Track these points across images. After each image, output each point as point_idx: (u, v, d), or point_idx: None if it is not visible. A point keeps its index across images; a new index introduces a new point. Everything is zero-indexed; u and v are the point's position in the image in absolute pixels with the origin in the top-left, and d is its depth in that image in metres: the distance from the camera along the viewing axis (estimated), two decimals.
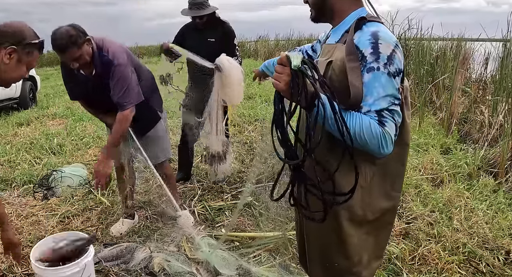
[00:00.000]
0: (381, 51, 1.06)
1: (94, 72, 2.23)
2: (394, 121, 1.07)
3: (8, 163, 3.94)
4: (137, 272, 2.18)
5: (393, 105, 1.07)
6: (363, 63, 1.07)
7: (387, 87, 1.06)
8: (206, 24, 3.07)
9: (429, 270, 2.23)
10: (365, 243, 1.27)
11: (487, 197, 3.12)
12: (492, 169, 3.66)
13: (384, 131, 1.04)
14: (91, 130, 5.10)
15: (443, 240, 2.48)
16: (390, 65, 1.06)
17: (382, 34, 1.08)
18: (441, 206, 2.92)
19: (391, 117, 1.06)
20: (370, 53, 1.06)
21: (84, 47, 2.10)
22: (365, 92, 1.07)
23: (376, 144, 1.05)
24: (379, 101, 1.06)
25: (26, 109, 7.09)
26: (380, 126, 1.05)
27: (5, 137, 4.88)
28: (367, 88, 1.06)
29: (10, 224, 1.85)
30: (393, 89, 1.07)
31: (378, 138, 1.04)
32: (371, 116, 1.06)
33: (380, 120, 1.05)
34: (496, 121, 4.32)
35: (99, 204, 3.07)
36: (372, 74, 1.06)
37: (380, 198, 1.24)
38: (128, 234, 2.62)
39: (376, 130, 1.04)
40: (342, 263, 1.28)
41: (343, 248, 1.26)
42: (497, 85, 4.85)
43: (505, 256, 2.36)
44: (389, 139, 1.05)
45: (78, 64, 2.12)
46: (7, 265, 2.26)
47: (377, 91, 1.06)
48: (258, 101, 6.79)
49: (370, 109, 1.06)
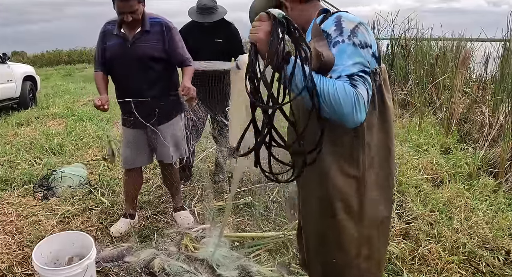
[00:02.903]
0: (344, 26, 1.10)
1: (139, 30, 2.34)
2: (366, 86, 1.05)
3: (8, 163, 3.94)
4: (137, 272, 2.18)
5: (363, 72, 1.07)
6: (328, 40, 1.10)
7: (354, 56, 1.08)
8: (213, 26, 3.06)
9: (429, 270, 2.23)
10: (363, 237, 1.27)
11: (487, 197, 3.13)
12: (492, 169, 3.66)
13: (357, 92, 1.02)
14: (91, 130, 5.10)
15: (443, 240, 2.48)
16: (354, 37, 1.09)
17: (345, 15, 1.14)
18: (441, 206, 2.92)
19: (362, 82, 1.05)
20: (334, 30, 1.11)
21: (141, 5, 2.28)
22: (334, 65, 1.06)
23: (350, 105, 1.00)
24: (349, 68, 1.06)
25: (26, 109, 7.09)
26: (353, 88, 1.02)
27: (5, 137, 4.88)
28: (336, 60, 1.07)
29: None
30: (361, 57, 1.08)
31: (352, 98, 1.00)
32: (343, 80, 1.04)
33: (352, 83, 1.04)
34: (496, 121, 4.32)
35: (99, 204, 3.07)
36: (337, 47, 1.08)
37: (375, 189, 1.24)
38: (128, 234, 2.62)
39: (350, 90, 1.01)
40: (340, 257, 1.28)
41: (340, 242, 1.26)
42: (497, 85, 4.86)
43: (505, 256, 2.36)
44: (361, 101, 1.02)
45: (132, 18, 2.25)
46: (7, 265, 2.26)
47: (345, 61, 1.07)
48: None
49: (341, 74, 1.05)
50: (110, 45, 2.38)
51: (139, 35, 2.35)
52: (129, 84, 2.42)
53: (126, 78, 2.42)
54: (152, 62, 2.37)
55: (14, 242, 2.50)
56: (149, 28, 2.34)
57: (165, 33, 2.37)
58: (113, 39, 2.37)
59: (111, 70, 2.46)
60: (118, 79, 2.48)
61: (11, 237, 2.56)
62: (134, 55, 2.34)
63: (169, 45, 2.39)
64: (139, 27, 2.34)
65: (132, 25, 2.32)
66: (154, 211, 2.97)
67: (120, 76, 2.45)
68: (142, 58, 2.35)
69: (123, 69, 2.40)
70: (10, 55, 9.03)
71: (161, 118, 2.46)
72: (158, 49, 2.37)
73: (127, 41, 2.34)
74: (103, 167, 3.78)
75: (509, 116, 3.98)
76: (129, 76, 2.40)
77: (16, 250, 2.41)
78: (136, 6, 2.23)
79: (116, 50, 2.36)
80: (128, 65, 2.36)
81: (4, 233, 2.60)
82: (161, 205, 3.08)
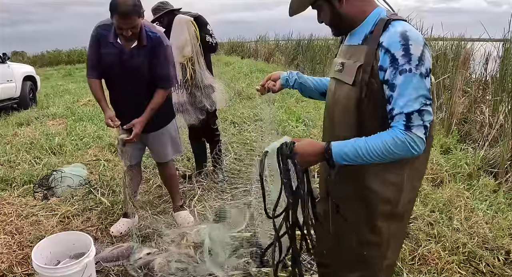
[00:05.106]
0: (412, 53, 1.08)
1: (135, 44, 2.30)
2: (423, 123, 1.09)
3: (8, 163, 3.94)
4: (137, 272, 2.18)
5: (424, 105, 1.09)
6: (394, 65, 1.09)
7: (419, 88, 1.08)
8: (170, 24, 3.11)
9: (429, 270, 2.23)
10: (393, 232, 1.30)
11: (487, 197, 3.13)
12: (492, 169, 3.66)
13: (411, 135, 1.08)
14: (91, 130, 5.09)
15: (443, 240, 2.48)
16: (421, 65, 1.08)
17: (411, 34, 1.10)
18: (441, 206, 2.91)
19: (420, 119, 1.09)
20: (402, 55, 1.08)
21: (140, 18, 2.22)
22: (397, 94, 1.09)
23: (406, 150, 1.09)
24: (411, 103, 1.08)
25: (26, 109, 7.09)
26: (406, 131, 1.08)
27: (5, 137, 4.88)
28: (399, 90, 1.09)
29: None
30: (425, 89, 1.09)
31: (405, 144, 1.08)
32: (398, 122, 1.09)
33: (407, 124, 1.08)
34: (496, 121, 4.32)
35: (99, 204, 3.07)
36: (404, 76, 1.08)
37: (409, 187, 1.26)
38: (128, 234, 2.62)
39: (401, 137, 1.08)
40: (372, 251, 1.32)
41: (374, 237, 1.29)
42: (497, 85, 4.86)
43: (505, 256, 2.36)
44: (418, 141, 1.09)
45: (131, 33, 2.20)
46: (7, 265, 2.25)
47: (409, 93, 1.08)
48: (259, 101, 6.78)
49: (402, 111, 1.09)
50: (106, 53, 2.33)
51: (136, 49, 2.31)
52: (123, 94, 2.43)
53: (121, 88, 2.42)
54: (148, 75, 2.38)
55: (14, 242, 2.50)
56: (146, 43, 2.30)
57: (161, 51, 2.34)
58: (109, 47, 2.31)
59: (104, 77, 2.45)
60: (112, 86, 2.48)
61: (11, 237, 2.55)
62: (130, 67, 2.32)
63: (156, 62, 2.35)
64: (136, 40, 2.30)
65: (130, 38, 2.26)
66: (154, 211, 2.97)
67: (115, 85, 2.45)
68: (138, 71, 2.34)
69: (118, 79, 2.40)
70: (10, 55, 9.03)
71: (154, 126, 2.52)
72: (154, 64, 2.37)
73: (123, 54, 2.31)
74: (103, 167, 3.78)
75: (509, 116, 3.99)
76: (124, 86, 2.41)
77: (16, 250, 2.40)
78: (136, 21, 2.18)
79: (112, 60, 2.33)
80: (124, 75, 2.35)
81: (4, 233, 2.60)
82: (161, 205, 3.08)
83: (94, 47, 2.36)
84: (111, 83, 2.46)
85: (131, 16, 2.12)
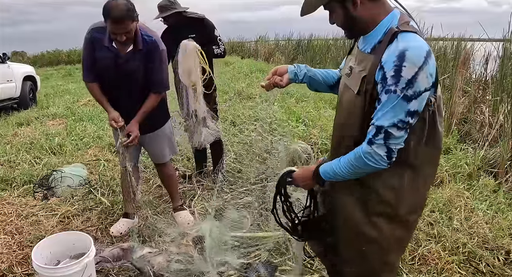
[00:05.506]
0: (403, 75, 1.08)
1: (131, 49, 2.28)
2: (385, 143, 1.12)
3: (8, 163, 3.94)
4: (137, 272, 2.18)
5: (395, 128, 1.11)
6: (383, 83, 1.11)
7: (398, 111, 1.10)
8: (178, 24, 3.10)
9: (429, 270, 2.23)
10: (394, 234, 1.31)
11: (487, 197, 3.13)
12: (492, 169, 3.66)
13: (370, 150, 1.13)
14: (91, 130, 5.09)
15: (443, 240, 2.48)
16: (408, 88, 1.08)
17: (409, 55, 1.07)
18: (441, 206, 2.91)
19: (384, 139, 1.12)
20: (391, 76, 1.09)
21: (134, 22, 2.17)
22: (379, 108, 1.13)
23: (364, 164, 1.16)
24: (385, 118, 1.11)
25: (26, 109, 7.08)
26: (368, 145, 1.14)
27: (5, 137, 4.88)
28: (381, 105, 1.12)
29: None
30: (403, 114, 1.10)
31: (364, 160, 1.15)
32: (369, 133, 1.15)
33: (371, 138, 1.13)
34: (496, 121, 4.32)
35: (99, 204, 3.07)
36: (388, 95, 1.10)
37: (411, 195, 1.28)
38: (128, 234, 2.62)
39: (360, 155, 1.16)
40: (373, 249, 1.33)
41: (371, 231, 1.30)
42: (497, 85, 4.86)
43: (505, 256, 2.36)
44: (377, 157, 1.14)
45: (126, 37, 2.17)
46: (7, 265, 2.26)
47: (387, 111, 1.11)
48: (259, 101, 6.79)
49: (374, 123, 1.13)
50: (101, 57, 2.30)
51: (131, 53, 2.30)
52: (119, 97, 2.43)
53: (115, 91, 2.42)
54: (143, 79, 2.38)
55: (14, 242, 2.50)
56: (142, 47, 2.28)
57: (156, 55, 2.32)
58: (104, 51, 2.29)
59: (99, 80, 2.44)
60: (107, 89, 2.47)
61: (11, 237, 2.55)
62: (125, 72, 2.32)
63: (151, 66, 2.35)
64: (131, 44, 2.28)
65: (125, 42, 2.24)
66: (154, 211, 2.97)
67: (110, 88, 2.44)
68: (133, 75, 2.34)
69: (113, 82, 2.39)
70: (10, 55, 9.03)
71: (151, 128, 2.54)
72: (150, 68, 2.37)
73: (119, 58, 2.29)
74: (103, 167, 3.78)
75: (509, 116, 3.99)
76: (118, 90, 2.41)
77: (16, 250, 2.41)
78: (130, 26, 2.13)
79: (108, 64, 2.31)
80: (119, 79, 2.35)
81: (4, 233, 2.60)
82: (161, 205, 3.08)
83: (88, 49, 2.32)
84: (106, 87, 2.43)
85: (124, 21, 2.08)
